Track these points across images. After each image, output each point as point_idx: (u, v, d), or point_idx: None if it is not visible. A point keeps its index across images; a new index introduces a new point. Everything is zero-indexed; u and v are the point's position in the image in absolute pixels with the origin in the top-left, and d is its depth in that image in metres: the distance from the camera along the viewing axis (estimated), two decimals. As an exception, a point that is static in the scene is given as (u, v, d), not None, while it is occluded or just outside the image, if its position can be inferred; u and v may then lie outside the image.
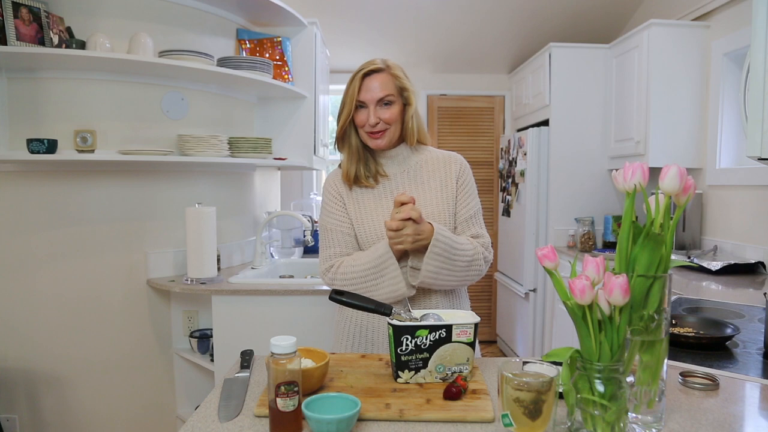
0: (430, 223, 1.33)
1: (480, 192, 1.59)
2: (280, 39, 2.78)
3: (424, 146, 1.53)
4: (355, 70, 1.44)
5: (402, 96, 1.44)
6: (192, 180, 2.50)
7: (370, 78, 1.42)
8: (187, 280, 2.30)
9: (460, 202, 1.48)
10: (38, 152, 1.99)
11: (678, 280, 2.34)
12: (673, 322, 1.46)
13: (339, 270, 1.39)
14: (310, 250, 3.17)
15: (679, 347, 1.33)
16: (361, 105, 1.42)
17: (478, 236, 1.47)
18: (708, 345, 1.33)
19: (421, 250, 1.34)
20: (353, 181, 1.46)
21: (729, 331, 1.38)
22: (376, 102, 1.40)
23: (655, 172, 0.95)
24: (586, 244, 3.52)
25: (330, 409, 0.92)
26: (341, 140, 1.47)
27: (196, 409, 1.04)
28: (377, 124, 1.41)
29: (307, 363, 1.08)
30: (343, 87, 1.48)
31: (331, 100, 3.78)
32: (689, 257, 2.75)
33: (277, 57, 2.77)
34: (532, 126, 3.86)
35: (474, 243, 1.42)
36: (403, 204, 1.30)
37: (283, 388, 0.87)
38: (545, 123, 3.75)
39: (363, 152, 1.47)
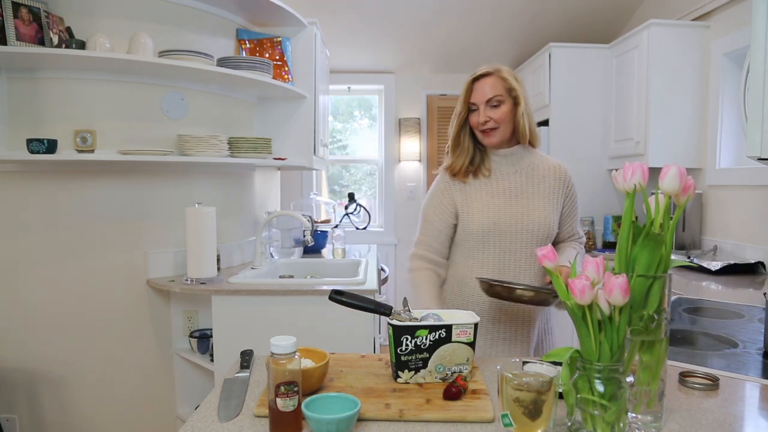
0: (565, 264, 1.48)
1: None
2: (280, 39, 2.78)
3: (535, 149, 1.65)
4: (468, 77, 1.58)
5: (511, 96, 1.53)
6: (192, 180, 2.50)
7: (480, 82, 1.54)
8: (187, 280, 2.30)
9: (569, 213, 1.65)
10: (38, 152, 1.99)
11: (678, 280, 2.34)
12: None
13: (414, 278, 1.62)
14: (310, 250, 3.17)
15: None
16: (472, 107, 1.55)
17: (581, 236, 1.72)
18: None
19: None
20: (457, 172, 1.59)
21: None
22: (485, 102, 1.52)
23: (655, 172, 0.95)
24: (586, 244, 3.52)
25: (330, 409, 0.92)
26: (456, 141, 1.60)
27: (196, 409, 1.04)
28: (487, 122, 1.52)
29: (307, 363, 1.08)
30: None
31: (331, 100, 3.79)
32: (689, 257, 2.75)
33: (277, 57, 2.76)
34: (532, 126, 3.85)
35: (577, 249, 1.66)
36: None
37: (283, 388, 0.87)
38: (545, 123, 3.75)
39: (474, 150, 1.60)
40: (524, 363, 0.89)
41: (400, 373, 1.11)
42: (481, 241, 1.56)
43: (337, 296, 1.20)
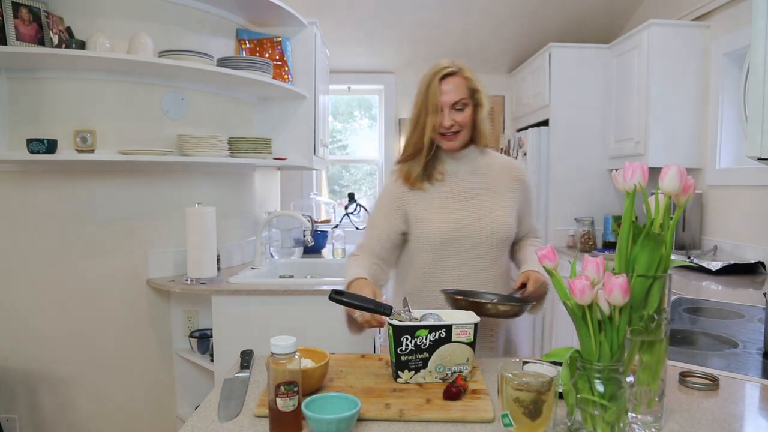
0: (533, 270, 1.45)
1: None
2: (280, 39, 2.78)
3: (488, 149, 1.59)
4: (428, 73, 1.47)
5: (473, 98, 1.47)
6: (192, 180, 2.50)
7: (446, 82, 1.45)
8: (187, 280, 2.30)
9: (526, 211, 1.60)
10: (38, 152, 1.99)
11: (678, 280, 2.34)
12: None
13: (346, 264, 1.51)
14: (310, 250, 3.17)
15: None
16: (433, 108, 1.46)
17: (538, 231, 1.69)
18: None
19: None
20: (414, 180, 1.50)
21: None
22: (450, 105, 1.44)
23: (655, 172, 0.95)
24: (586, 244, 3.52)
25: (330, 409, 0.92)
26: (418, 146, 1.48)
27: (196, 409, 1.04)
28: (452, 126, 1.45)
29: (307, 363, 1.08)
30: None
31: (331, 100, 3.78)
32: (689, 257, 2.75)
33: (277, 57, 2.76)
34: (532, 126, 3.86)
35: (536, 239, 1.65)
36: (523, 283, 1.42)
37: (283, 388, 0.87)
38: (545, 123, 3.75)
39: (429, 151, 1.49)
40: (524, 363, 0.89)
41: (400, 373, 1.11)
42: (440, 248, 1.47)
43: (337, 296, 1.20)
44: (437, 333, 1.09)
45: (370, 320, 1.21)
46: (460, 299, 1.29)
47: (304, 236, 2.87)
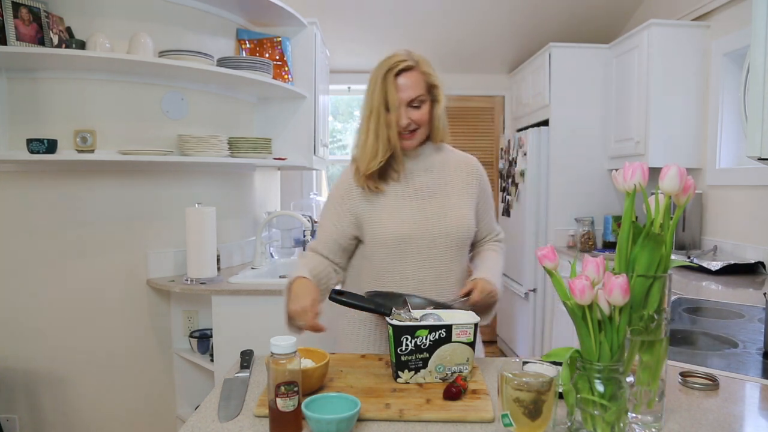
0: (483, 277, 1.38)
1: (480, 192, 1.63)
2: (280, 39, 2.78)
3: (444, 144, 1.51)
4: (382, 67, 1.38)
5: (431, 94, 1.40)
6: (192, 180, 2.50)
7: (402, 77, 1.36)
8: (187, 280, 2.30)
9: (484, 208, 1.52)
10: (38, 152, 1.99)
11: (678, 280, 2.34)
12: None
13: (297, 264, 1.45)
14: (310, 250, 3.17)
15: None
16: (389, 105, 1.37)
17: (498, 232, 1.59)
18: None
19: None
20: (371, 181, 1.41)
21: None
22: (407, 103, 1.36)
23: (655, 172, 0.95)
24: (586, 244, 3.52)
25: (330, 409, 0.92)
26: (375, 144, 1.38)
27: (196, 409, 1.04)
28: (409, 124, 1.37)
29: (307, 363, 1.08)
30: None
31: (331, 100, 3.78)
32: (689, 257, 2.75)
33: (277, 57, 2.76)
34: (532, 126, 3.86)
35: (499, 252, 1.55)
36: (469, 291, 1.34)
37: (283, 388, 0.87)
38: (545, 123, 3.75)
39: (386, 152, 1.39)
40: (524, 363, 0.89)
41: (400, 373, 1.11)
42: (396, 251, 1.39)
43: (337, 296, 1.20)
44: (437, 333, 1.09)
45: (313, 325, 1.17)
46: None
47: (304, 236, 2.87)
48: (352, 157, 1.49)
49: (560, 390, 0.88)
